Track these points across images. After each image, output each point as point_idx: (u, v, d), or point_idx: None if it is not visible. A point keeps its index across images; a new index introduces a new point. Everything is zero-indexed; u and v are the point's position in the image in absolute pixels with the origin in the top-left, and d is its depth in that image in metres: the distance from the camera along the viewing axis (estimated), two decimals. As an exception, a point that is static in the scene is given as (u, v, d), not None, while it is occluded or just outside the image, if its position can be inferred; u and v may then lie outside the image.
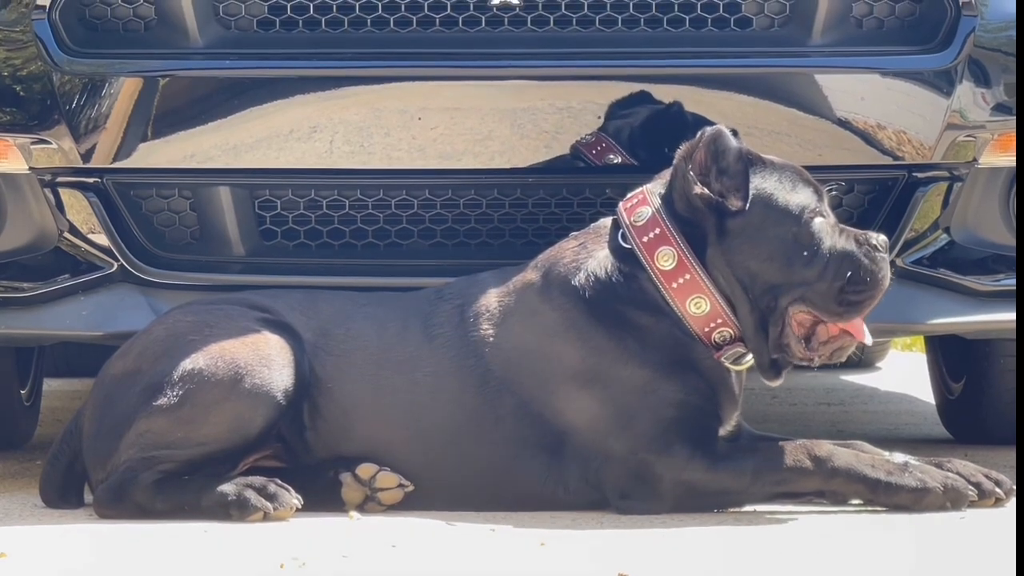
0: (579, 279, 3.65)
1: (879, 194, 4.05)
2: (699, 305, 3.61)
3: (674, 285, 3.59)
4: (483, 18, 3.91)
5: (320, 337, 3.71)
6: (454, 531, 3.39)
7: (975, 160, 3.99)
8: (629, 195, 3.70)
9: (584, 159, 4.01)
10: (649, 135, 3.96)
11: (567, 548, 3.23)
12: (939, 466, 3.58)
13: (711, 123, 3.75)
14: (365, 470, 3.59)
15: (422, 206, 4.00)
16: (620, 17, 3.92)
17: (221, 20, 3.94)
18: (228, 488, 3.50)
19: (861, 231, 3.63)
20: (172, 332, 3.71)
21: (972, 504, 3.53)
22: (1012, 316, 4.07)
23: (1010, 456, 4.33)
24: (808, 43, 3.96)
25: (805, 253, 3.58)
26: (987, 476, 3.60)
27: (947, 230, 4.05)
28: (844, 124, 3.95)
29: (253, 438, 3.61)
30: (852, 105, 3.95)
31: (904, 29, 4.01)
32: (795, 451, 3.58)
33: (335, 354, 3.70)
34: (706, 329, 3.61)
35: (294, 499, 3.51)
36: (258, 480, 3.54)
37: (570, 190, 3.98)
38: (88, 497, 3.67)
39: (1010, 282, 4.07)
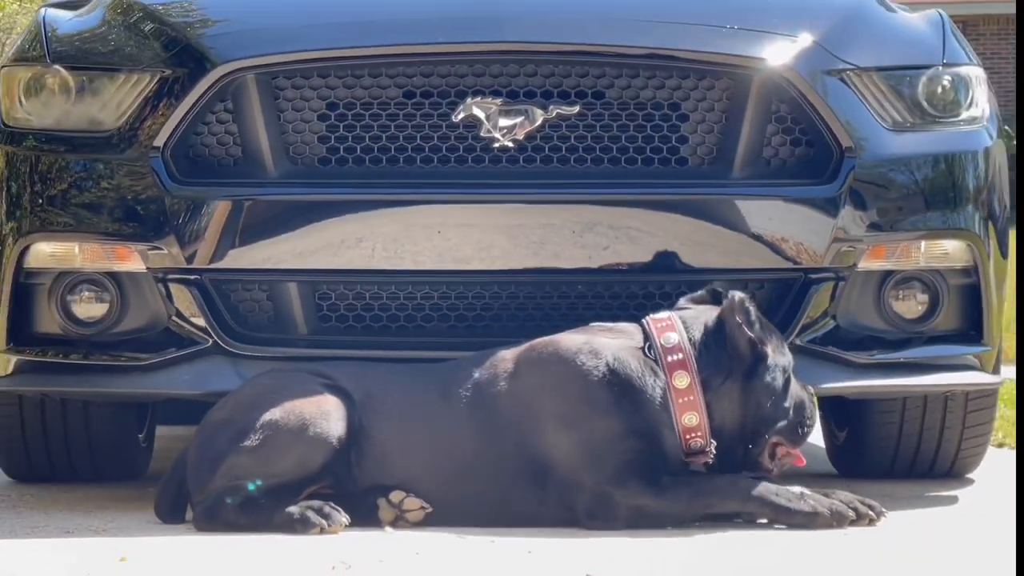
0: (604, 363, 3.71)
1: (783, 290, 4.09)
2: (691, 419, 3.70)
3: (680, 401, 3.69)
4: (486, 157, 3.99)
5: (365, 397, 3.77)
6: (463, 542, 3.47)
7: (855, 265, 4.06)
8: (658, 316, 3.80)
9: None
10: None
11: (549, 555, 3.33)
12: (827, 495, 3.71)
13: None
14: (396, 496, 3.68)
15: (441, 297, 4.05)
16: (589, 157, 4.01)
17: (291, 157, 4.01)
18: (294, 509, 3.60)
19: (801, 383, 3.85)
20: (256, 391, 3.82)
21: (852, 523, 3.65)
22: (883, 382, 4.14)
23: (881, 488, 4.40)
24: (730, 176, 4.03)
25: (787, 396, 3.78)
26: (862, 502, 3.72)
27: (834, 317, 4.08)
28: (757, 238, 4.00)
29: (314, 473, 3.69)
30: (763, 223, 4.01)
31: (801, 166, 4.08)
32: (720, 482, 3.72)
33: (376, 410, 3.76)
34: (687, 436, 3.70)
35: (343, 518, 3.61)
36: (316, 503, 3.63)
37: (551, 286, 4.04)
38: (189, 515, 3.78)
39: (882, 356, 4.12)
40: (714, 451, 3.73)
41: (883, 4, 4.54)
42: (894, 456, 4.73)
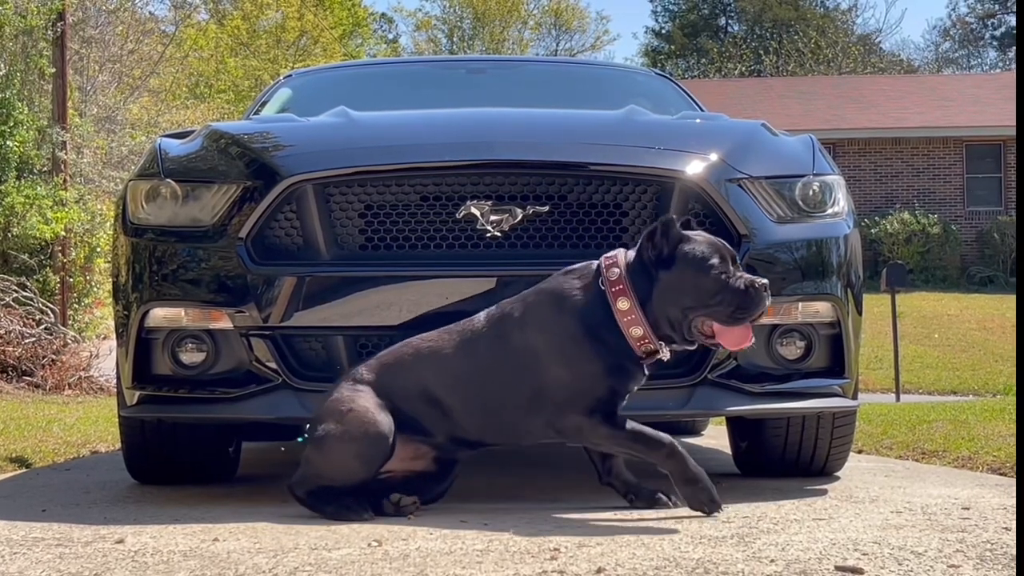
0: (570, 301, 3.58)
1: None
2: (636, 332, 3.56)
3: (625, 319, 3.54)
4: (481, 244, 3.99)
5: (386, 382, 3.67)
6: (463, 525, 3.42)
7: (751, 320, 3.86)
8: (608, 254, 3.64)
9: None
10: None
11: (525, 534, 3.23)
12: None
13: None
14: (395, 497, 3.66)
15: None
16: (556, 243, 4.00)
17: (339, 245, 4.01)
18: (339, 503, 3.59)
19: (753, 278, 3.56)
20: (325, 407, 3.68)
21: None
22: (772, 406, 4.08)
23: (773, 483, 4.42)
24: None
25: (712, 292, 3.51)
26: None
27: (736, 358, 4.04)
28: None
29: (375, 467, 3.62)
30: None
31: None
32: (660, 440, 3.57)
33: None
34: (639, 344, 3.57)
35: (368, 514, 3.57)
36: (348, 501, 3.59)
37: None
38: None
39: (771, 387, 4.07)
40: (664, 350, 3.62)
41: (769, 130, 4.56)
42: (781, 459, 4.75)
